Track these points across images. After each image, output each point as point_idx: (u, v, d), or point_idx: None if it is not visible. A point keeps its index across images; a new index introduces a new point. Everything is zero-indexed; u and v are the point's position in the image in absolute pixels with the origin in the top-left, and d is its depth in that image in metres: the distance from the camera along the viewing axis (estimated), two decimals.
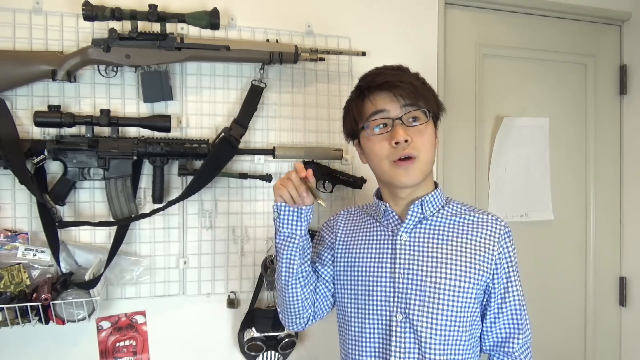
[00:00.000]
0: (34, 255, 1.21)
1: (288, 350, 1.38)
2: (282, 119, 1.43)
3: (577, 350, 1.88)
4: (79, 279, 1.21)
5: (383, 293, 0.97)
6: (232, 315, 1.41)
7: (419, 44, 1.58)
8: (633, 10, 1.86)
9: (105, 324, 1.32)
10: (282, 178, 0.97)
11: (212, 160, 1.28)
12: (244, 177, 1.35)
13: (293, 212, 0.97)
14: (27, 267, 1.19)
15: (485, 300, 1.00)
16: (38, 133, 1.24)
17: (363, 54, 1.41)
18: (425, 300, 0.94)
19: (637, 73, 1.87)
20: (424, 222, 1.00)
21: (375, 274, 0.99)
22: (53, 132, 1.23)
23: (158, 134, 1.30)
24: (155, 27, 1.26)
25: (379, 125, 0.96)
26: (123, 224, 1.27)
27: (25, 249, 1.20)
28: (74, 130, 1.24)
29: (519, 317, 0.99)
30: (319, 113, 1.47)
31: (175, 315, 1.37)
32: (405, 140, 0.92)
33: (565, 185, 1.85)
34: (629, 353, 1.90)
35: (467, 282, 0.94)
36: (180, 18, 1.23)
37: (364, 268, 1.01)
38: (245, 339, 1.35)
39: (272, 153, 1.37)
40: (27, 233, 1.23)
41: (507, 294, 0.99)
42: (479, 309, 1.00)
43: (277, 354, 1.37)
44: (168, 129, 1.27)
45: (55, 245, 1.21)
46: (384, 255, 0.99)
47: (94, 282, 1.19)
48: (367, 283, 0.99)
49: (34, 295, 1.15)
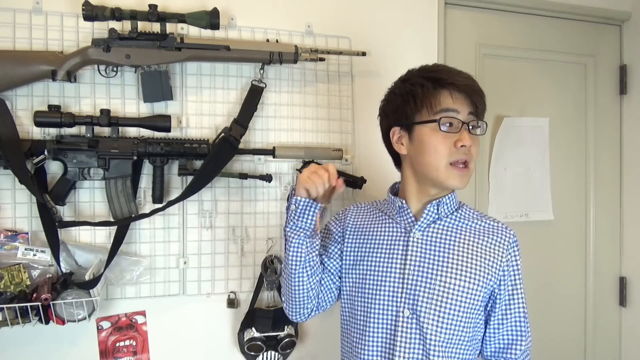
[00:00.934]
0: (34, 255, 1.21)
1: (288, 350, 1.38)
2: (281, 119, 1.43)
3: (577, 350, 1.88)
4: (79, 279, 1.21)
5: (392, 288, 0.98)
6: (232, 315, 1.41)
7: (419, 44, 1.58)
8: (633, 10, 1.86)
9: (106, 324, 1.32)
10: (311, 171, 0.96)
11: (212, 160, 1.28)
12: (244, 177, 1.35)
13: (310, 206, 0.97)
14: (27, 267, 1.19)
15: (490, 306, 1.01)
16: (38, 133, 1.24)
17: (363, 54, 1.41)
18: (434, 298, 0.95)
19: (637, 73, 1.87)
20: (438, 222, 1.01)
21: (385, 269, 1.00)
22: (53, 132, 1.23)
23: (158, 134, 1.30)
24: (155, 27, 1.25)
25: (446, 124, 0.96)
26: (123, 224, 1.27)
27: (26, 249, 1.20)
28: (74, 130, 1.24)
29: (522, 324, 1.01)
30: (319, 113, 1.47)
31: (175, 315, 1.37)
32: (467, 146, 0.95)
33: (565, 185, 1.84)
34: (629, 353, 1.90)
35: (475, 284, 0.96)
36: (180, 18, 1.23)
37: (374, 262, 1.02)
38: (245, 339, 1.35)
39: (272, 153, 1.37)
40: (27, 233, 1.23)
41: (512, 301, 1.00)
42: (484, 313, 1.01)
43: (277, 354, 1.37)
44: (168, 129, 1.27)
45: (56, 245, 1.21)
46: (396, 251, 1.00)
47: (94, 282, 1.19)
48: (376, 278, 1.00)
49: (34, 295, 1.15)
